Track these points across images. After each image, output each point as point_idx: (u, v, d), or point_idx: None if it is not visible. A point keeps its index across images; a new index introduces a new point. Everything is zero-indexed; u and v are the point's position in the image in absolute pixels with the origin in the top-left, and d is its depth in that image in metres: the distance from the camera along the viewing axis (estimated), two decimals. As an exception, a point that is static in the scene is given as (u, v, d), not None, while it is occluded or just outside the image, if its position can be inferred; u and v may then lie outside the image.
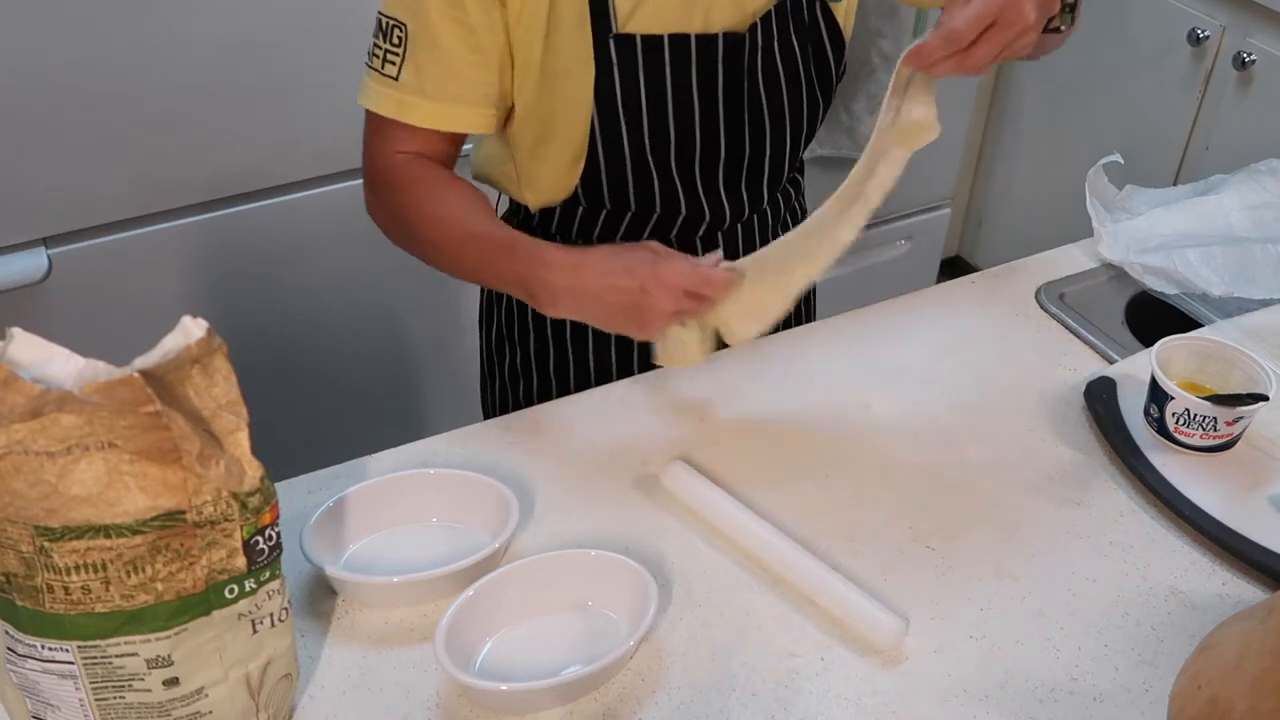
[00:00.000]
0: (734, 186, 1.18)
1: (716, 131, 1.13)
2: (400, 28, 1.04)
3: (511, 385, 1.31)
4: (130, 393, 0.67)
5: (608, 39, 1.05)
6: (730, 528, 0.98)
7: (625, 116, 1.08)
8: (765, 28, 1.10)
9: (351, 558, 0.95)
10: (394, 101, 1.06)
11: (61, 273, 1.63)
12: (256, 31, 1.61)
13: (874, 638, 0.89)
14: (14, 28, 1.47)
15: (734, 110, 1.12)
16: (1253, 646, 0.81)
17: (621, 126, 1.09)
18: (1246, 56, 1.99)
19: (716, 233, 1.21)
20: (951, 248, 2.79)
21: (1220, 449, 1.06)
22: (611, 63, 1.06)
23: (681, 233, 1.19)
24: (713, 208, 1.17)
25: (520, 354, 1.28)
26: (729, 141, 1.14)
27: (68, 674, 0.73)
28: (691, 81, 1.09)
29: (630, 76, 1.06)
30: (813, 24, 1.14)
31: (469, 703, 0.85)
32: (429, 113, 1.06)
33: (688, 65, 1.08)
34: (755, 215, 1.23)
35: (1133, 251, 1.33)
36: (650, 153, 1.11)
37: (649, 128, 1.10)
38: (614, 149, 1.11)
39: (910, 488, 1.05)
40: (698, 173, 1.15)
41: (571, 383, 1.26)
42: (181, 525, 0.71)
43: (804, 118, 1.18)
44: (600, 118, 1.08)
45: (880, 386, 1.16)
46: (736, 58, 1.09)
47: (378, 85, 1.07)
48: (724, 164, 1.15)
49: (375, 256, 1.87)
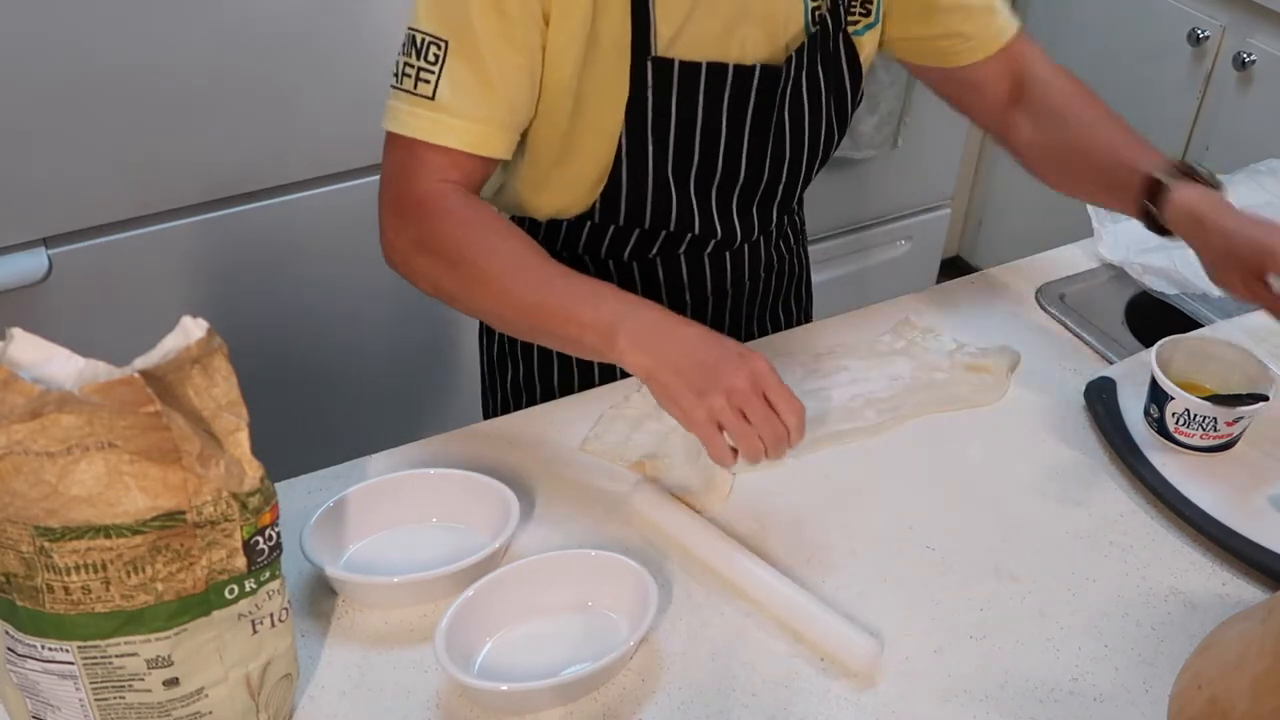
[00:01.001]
0: (746, 209, 1.18)
1: (739, 157, 1.13)
2: (438, 44, 0.99)
3: (514, 400, 1.30)
4: (130, 393, 0.67)
5: (646, 61, 1.04)
6: (701, 552, 0.97)
7: (654, 138, 1.08)
8: (799, 60, 1.10)
9: (351, 558, 0.95)
10: (428, 122, 1.00)
11: (61, 273, 1.63)
12: (256, 31, 1.60)
13: (849, 661, 0.88)
14: (14, 28, 1.46)
15: (759, 138, 1.12)
16: (1253, 646, 0.81)
17: (648, 148, 1.08)
18: (1246, 56, 1.99)
19: (724, 252, 1.22)
20: (951, 248, 2.79)
21: (1220, 449, 1.06)
22: (647, 85, 1.05)
23: (690, 249, 1.20)
24: (724, 228, 1.18)
25: (524, 370, 1.27)
26: (749, 167, 1.14)
27: (68, 674, 0.73)
28: (723, 109, 1.08)
29: (663, 100, 1.06)
30: (836, 54, 1.14)
31: (469, 703, 0.85)
32: (464, 134, 1.00)
33: (721, 93, 1.07)
34: (762, 236, 1.24)
35: (1133, 251, 1.33)
36: (672, 174, 1.11)
37: (674, 150, 1.09)
38: (637, 168, 1.10)
39: (910, 488, 1.05)
40: (714, 195, 1.15)
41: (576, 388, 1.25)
42: (181, 525, 0.71)
43: (820, 147, 1.18)
44: (628, 138, 1.07)
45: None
46: (770, 89, 1.10)
47: (408, 106, 1.00)
48: (741, 187, 1.16)
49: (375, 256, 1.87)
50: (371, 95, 1.24)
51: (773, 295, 1.32)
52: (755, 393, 0.90)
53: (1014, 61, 1.18)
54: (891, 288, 1.32)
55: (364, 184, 1.79)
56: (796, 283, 1.36)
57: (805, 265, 1.38)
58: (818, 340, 1.23)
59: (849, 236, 2.42)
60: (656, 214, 1.14)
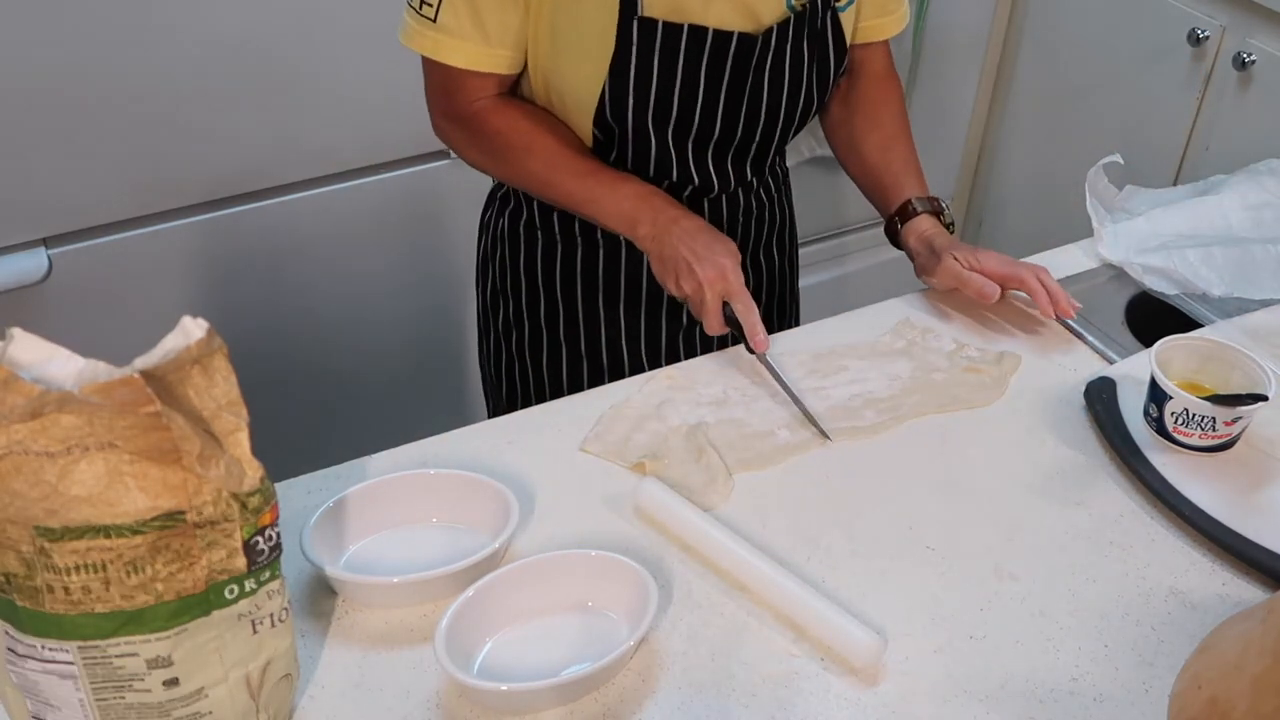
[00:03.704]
0: (721, 161, 1.24)
1: (715, 115, 1.19)
2: None
3: (505, 337, 1.37)
4: (130, 393, 0.67)
5: (632, 20, 1.11)
6: (705, 547, 0.97)
7: (635, 92, 1.15)
8: (780, 35, 1.16)
9: (351, 558, 0.95)
10: (431, 41, 1.14)
11: (61, 273, 1.63)
12: (256, 31, 1.61)
13: (852, 657, 0.88)
14: (14, 28, 1.46)
15: (734, 100, 1.18)
16: (1253, 646, 0.81)
17: (629, 100, 1.15)
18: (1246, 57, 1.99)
19: (702, 199, 1.27)
20: (951, 248, 2.78)
21: (1220, 449, 1.06)
22: (631, 42, 1.12)
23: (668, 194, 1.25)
24: (701, 177, 1.24)
25: (513, 306, 1.34)
26: (725, 123, 1.20)
27: (68, 674, 0.73)
28: (701, 70, 1.15)
29: (646, 57, 1.13)
30: (823, 31, 1.21)
31: (469, 703, 0.85)
32: (465, 53, 1.14)
33: (700, 55, 1.14)
34: (740, 188, 1.29)
35: (1133, 252, 1.33)
36: (652, 124, 1.18)
37: (655, 103, 1.16)
38: (619, 118, 1.17)
39: (910, 487, 1.05)
40: (690, 146, 1.21)
41: (561, 331, 1.32)
42: (181, 525, 0.71)
43: (797, 114, 1.24)
44: (611, 90, 1.15)
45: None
46: (745, 57, 1.16)
47: (416, 25, 1.14)
48: (716, 141, 1.22)
49: (375, 256, 1.88)
50: (372, 95, 1.24)
51: (752, 241, 1.35)
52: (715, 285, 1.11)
53: (882, 48, 1.33)
54: (890, 288, 1.32)
55: (364, 184, 1.79)
56: (778, 231, 1.40)
57: (788, 213, 1.42)
58: (817, 340, 1.23)
59: (849, 236, 2.42)
60: (637, 159, 1.22)
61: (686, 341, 1.34)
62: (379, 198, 1.81)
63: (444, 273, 1.94)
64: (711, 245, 1.13)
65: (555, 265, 1.30)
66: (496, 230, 1.34)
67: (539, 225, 1.29)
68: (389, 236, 1.85)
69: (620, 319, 1.32)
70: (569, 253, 1.29)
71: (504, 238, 1.32)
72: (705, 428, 1.09)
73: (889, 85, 1.33)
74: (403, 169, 1.81)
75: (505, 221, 1.32)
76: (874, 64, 1.33)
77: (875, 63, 1.33)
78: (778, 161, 1.36)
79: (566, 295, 1.31)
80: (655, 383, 1.16)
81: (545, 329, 1.33)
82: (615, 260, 1.29)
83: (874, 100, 1.32)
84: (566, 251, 1.29)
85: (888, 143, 1.30)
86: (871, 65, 1.33)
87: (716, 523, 0.98)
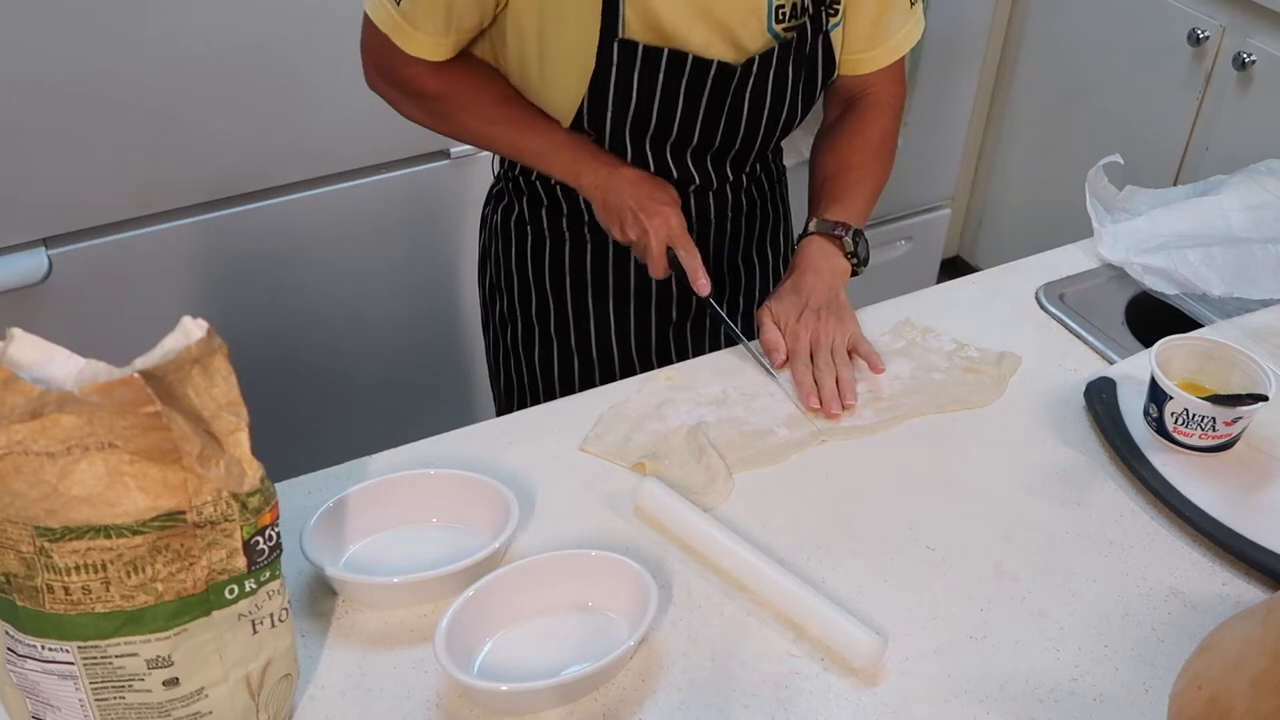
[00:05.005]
0: (701, 162, 1.24)
1: (693, 128, 1.19)
2: None
3: (501, 331, 1.38)
4: (130, 393, 0.67)
5: (613, 42, 1.11)
6: (705, 547, 0.97)
7: (614, 106, 1.16)
8: (763, 63, 1.16)
9: (351, 558, 0.95)
10: (392, 23, 1.14)
11: (61, 273, 1.63)
12: (256, 32, 1.61)
13: (852, 657, 0.88)
14: (14, 29, 1.46)
15: (712, 116, 1.19)
16: (1253, 646, 0.81)
17: (608, 112, 1.16)
18: (1246, 57, 1.99)
19: (685, 191, 1.26)
20: (951, 248, 2.79)
21: (1219, 449, 1.06)
22: (611, 63, 1.12)
23: None
24: (681, 175, 1.24)
25: (506, 301, 1.35)
26: (702, 135, 1.21)
27: (68, 674, 0.73)
28: (680, 90, 1.15)
29: (625, 76, 1.13)
30: (812, 54, 1.20)
31: (469, 703, 0.85)
32: (419, 43, 1.14)
33: (680, 77, 1.14)
34: (727, 186, 1.29)
35: (1133, 252, 1.33)
36: (629, 133, 1.19)
37: (633, 117, 1.17)
38: (597, 126, 1.18)
39: (910, 487, 1.05)
40: (669, 150, 1.22)
41: (551, 326, 1.33)
42: (181, 526, 0.71)
43: (779, 127, 1.24)
44: (590, 102, 1.16)
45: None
46: (725, 81, 1.16)
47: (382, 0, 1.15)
48: (694, 148, 1.22)
49: (375, 256, 1.88)
50: (372, 96, 1.24)
51: (744, 238, 1.35)
52: (659, 232, 1.16)
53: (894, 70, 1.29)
54: (891, 288, 1.32)
55: (364, 184, 1.80)
56: (772, 229, 1.39)
57: (784, 211, 1.42)
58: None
59: (849, 236, 2.42)
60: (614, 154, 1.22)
61: (677, 337, 1.35)
62: (379, 198, 1.81)
63: (444, 273, 1.94)
64: (654, 194, 1.18)
65: (544, 261, 1.30)
66: (492, 226, 1.35)
67: (529, 220, 1.29)
68: (389, 236, 1.85)
69: (609, 314, 1.32)
70: (557, 248, 1.29)
71: (498, 234, 1.33)
72: (705, 427, 1.09)
73: (876, 115, 1.29)
74: (403, 169, 1.81)
75: (499, 217, 1.33)
76: (871, 91, 1.29)
77: (873, 91, 1.29)
78: (771, 160, 1.35)
79: (556, 291, 1.32)
80: (655, 383, 1.16)
81: (536, 324, 1.34)
82: (603, 256, 1.29)
83: (851, 131, 1.28)
84: (555, 247, 1.29)
85: (842, 170, 1.27)
86: (866, 92, 1.29)
87: (716, 523, 0.98)
